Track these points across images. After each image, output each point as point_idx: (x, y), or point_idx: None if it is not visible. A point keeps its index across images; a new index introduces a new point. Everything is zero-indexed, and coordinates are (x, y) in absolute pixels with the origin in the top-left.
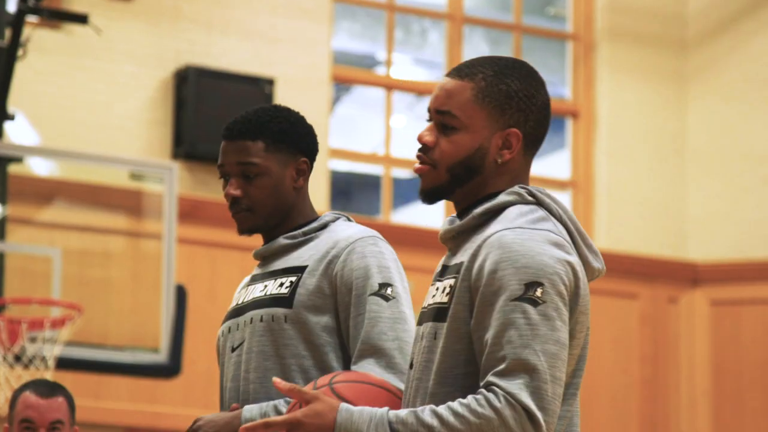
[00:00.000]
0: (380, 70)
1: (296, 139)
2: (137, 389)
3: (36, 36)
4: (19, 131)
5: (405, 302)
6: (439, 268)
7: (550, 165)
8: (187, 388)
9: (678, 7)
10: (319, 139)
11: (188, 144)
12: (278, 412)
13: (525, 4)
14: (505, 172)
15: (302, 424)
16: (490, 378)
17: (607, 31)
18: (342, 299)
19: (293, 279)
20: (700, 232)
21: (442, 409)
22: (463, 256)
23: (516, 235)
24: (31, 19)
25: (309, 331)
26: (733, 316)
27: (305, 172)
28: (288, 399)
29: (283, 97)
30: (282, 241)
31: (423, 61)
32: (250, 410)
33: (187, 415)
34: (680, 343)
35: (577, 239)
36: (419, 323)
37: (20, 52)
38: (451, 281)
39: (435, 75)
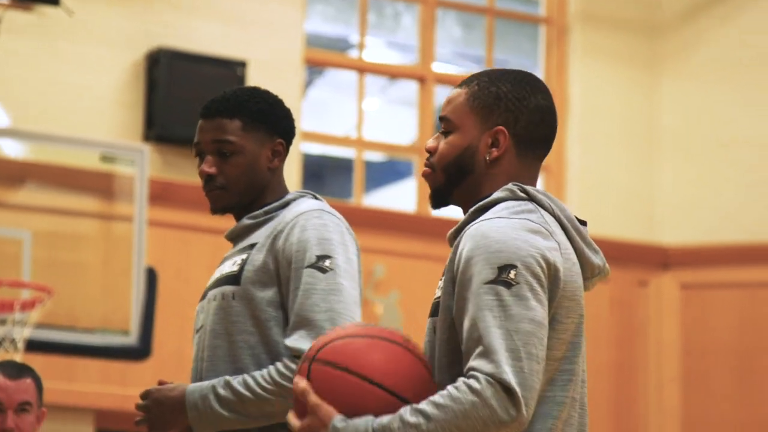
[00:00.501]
0: (353, 54)
1: (274, 120)
2: (107, 372)
3: (7, 17)
4: None
5: (345, 274)
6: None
7: None
8: (158, 370)
9: None
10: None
11: (160, 126)
12: (215, 393)
13: None
14: (499, 173)
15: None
16: (471, 363)
17: (580, 14)
18: (284, 273)
19: (244, 257)
20: (670, 216)
21: (423, 404)
22: (450, 254)
23: (492, 223)
24: (3, 0)
25: (255, 307)
26: (702, 300)
27: (281, 153)
28: (227, 377)
29: (255, 79)
30: (245, 221)
31: (396, 45)
32: (192, 392)
33: None
34: (650, 326)
35: (573, 235)
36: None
37: None
38: (444, 276)
39: (408, 58)
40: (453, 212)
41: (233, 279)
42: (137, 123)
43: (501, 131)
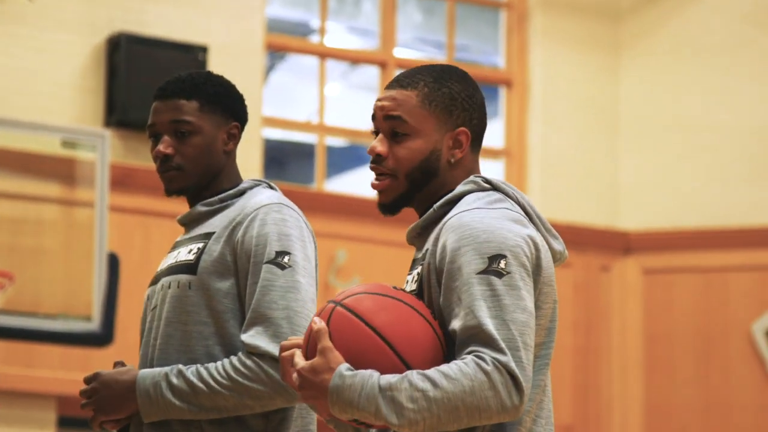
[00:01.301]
0: (314, 39)
1: (230, 102)
2: (69, 358)
3: None
4: None
5: (302, 271)
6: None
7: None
8: (120, 356)
9: None
10: (253, 107)
11: (120, 112)
12: (168, 381)
13: None
14: (459, 171)
15: (302, 375)
16: (473, 347)
17: None
18: (242, 266)
19: (200, 245)
20: (632, 200)
21: (432, 372)
22: (427, 244)
23: (474, 214)
24: None
25: (211, 297)
26: (665, 285)
27: (236, 137)
28: (180, 366)
29: (216, 64)
30: (199, 208)
31: (357, 30)
32: (144, 378)
33: None
34: (613, 311)
35: (536, 222)
36: None
37: None
38: (419, 269)
39: (369, 43)
40: None
41: (189, 268)
42: (98, 108)
43: (464, 132)
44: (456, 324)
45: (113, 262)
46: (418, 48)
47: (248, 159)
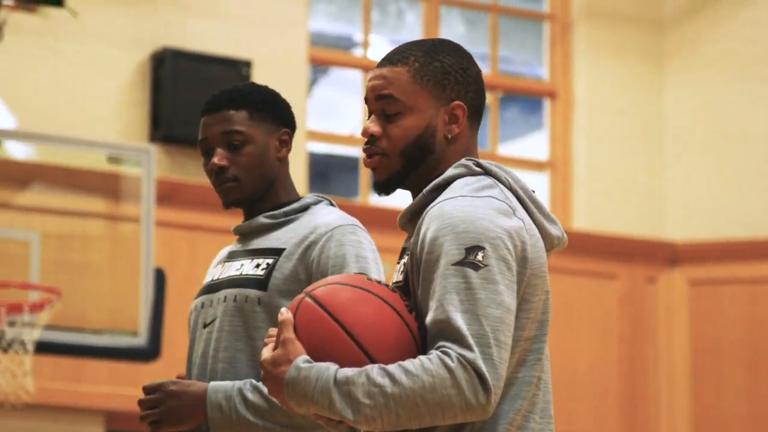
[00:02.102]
0: (357, 52)
1: (278, 110)
2: (117, 373)
3: (12, 19)
4: None
5: None
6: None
7: (527, 146)
8: (167, 371)
9: None
10: (297, 121)
11: (166, 127)
12: (242, 396)
13: None
14: (456, 147)
15: (263, 364)
16: (441, 342)
17: (584, 10)
18: None
19: (270, 261)
20: (678, 211)
21: (392, 367)
22: (412, 238)
23: (456, 203)
24: (7, 2)
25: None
26: (711, 296)
27: (288, 143)
28: (253, 381)
29: (260, 79)
30: (262, 219)
31: (400, 42)
32: (215, 391)
33: None
34: (659, 323)
35: (530, 207)
36: None
37: None
38: (405, 259)
39: None
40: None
41: (259, 283)
42: (143, 123)
43: (459, 106)
44: (428, 317)
45: (159, 277)
46: None
47: (293, 173)
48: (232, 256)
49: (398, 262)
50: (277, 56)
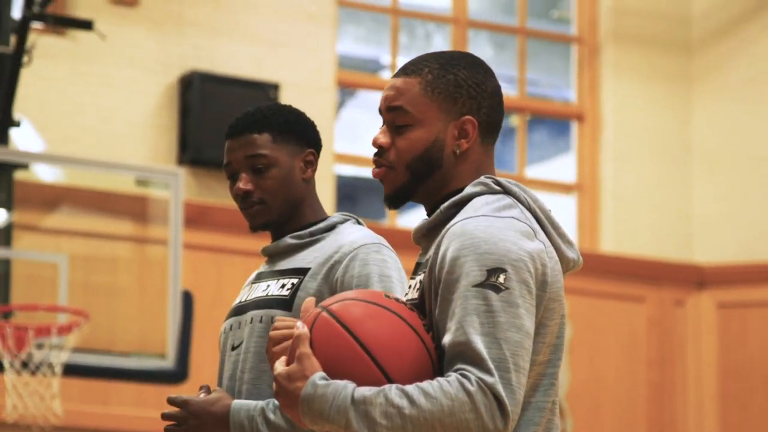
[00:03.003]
0: (385, 75)
1: (302, 130)
2: (144, 395)
3: (41, 42)
4: (25, 138)
5: None
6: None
7: (555, 168)
8: (194, 393)
9: (683, 8)
10: (325, 143)
11: (194, 149)
12: (264, 416)
13: (529, 8)
14: (466, 163)
15: (277, 380)
16: (460, 364)
17: (612, 33)
18: None
19: (295, 281)
20: (706, 234)
21: (411, 388)
22: (431, 249)
23: (478, 222)
24: (36, 25)
25: None
26: (740, 319)
27: (313, 163)
28: (276, 401)
29: (287, 101)
30: (288, 240)
31: None
32: (237, 411)
33: None
34: (687, 346)
35: (548, 228)
36: None
37: (25, 59)
38: (421, 276)
39: None
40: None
41: (284, 303)
42: (171, 146)
43: (469, 121)
44: (446, 338)
45: (187, 300)
46: None
47: (321, 195)
48: (259, 278)
49: (412, 278)
50: (305, 79)
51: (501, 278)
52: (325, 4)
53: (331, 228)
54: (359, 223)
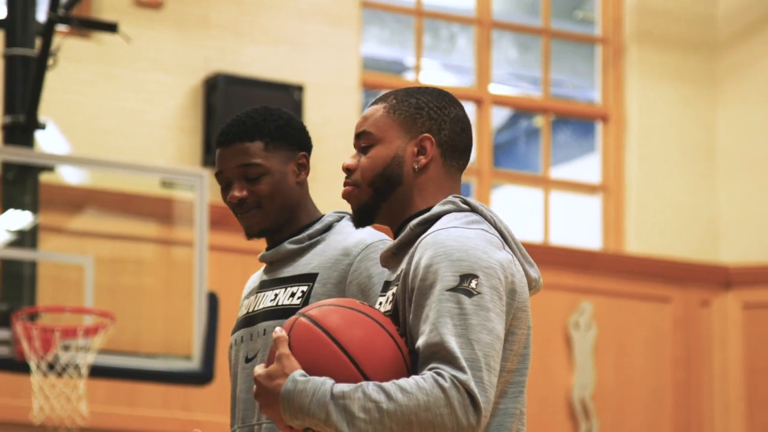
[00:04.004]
0: (409, 76)
1: (293, 134)
2: (170, 396)
3: (66, 45)
4: (50, 140)
5: None
6: (382, 285)
7: (579, 169)
8: (220, 395)
9: (708, 9)
10: (350, 145)
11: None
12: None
13: (553, 8)
14: (427, 181)
15: (257, 381)
16: (434, 363)
17: (636, 34)
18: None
19: (304, 288)
20: (731, 234)
21: (388, 385)
22: (402, 265)
23: (450, 233)
24: (61, 28)
25: None
26: (765, 319)
27: (305, 166)
28: None
29: (312, 103)
30: (288, 246)
31: (452, 66)
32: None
33: (220, 422)
34: (713, 346)
35: (513, 247)
36: None
37: (50, 62)
38: (394, 289)
39: (464, 80)
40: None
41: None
42: (196, 148)
43: (427, 138)
44: (420, 340)
45: (213, 301)
46: (513, 84)
47: None
48: (263, 286)
49: (382, 294)
50: (329, 81)
51: (473, 283)
52: (349, 5)
53: (328, 228)
54: None
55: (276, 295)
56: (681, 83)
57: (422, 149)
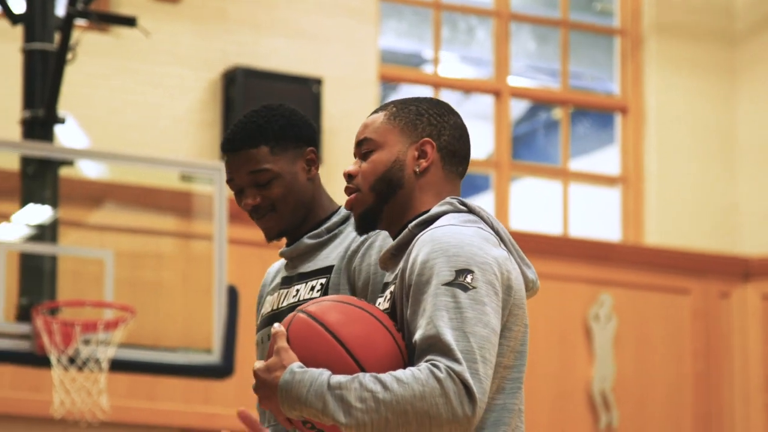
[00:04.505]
0: (428, 69)
1: (297, 132)
2: (191, 390)
3: (85, 39)
4: (70, 134)
5: None
6: (380, 287)
7: (599, 161)
8: (240, 388)
9: (726, 0)
10: None
11: None
12: None
13: (572, 0)
14: (427, 184)
15: (256, 375)
16: (430, 355)
17: (655, 25)
18: (361, 292)
19: (323, 281)
20: (751, 226)
21: (384, 375)
22: (400, 264)
23: (446, 230)
24: (80, 22)
25: None
26: None
27: (314, 161)
28: None
29: (330, 96)
30: (307, 241)
31: (470, 59)
32: None
33: None
34: (733, 338)
35: (510, 247)
36: None
37: (69, 56)
38: (392, 288)
39: (482, 72)
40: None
41: None
42: (215, 142)
43: (428, 142)
44: (417, 334)
45: (232, 295)
46: (531, 76)
47: None
48: (286, 282)
49: (381, 295)
50: (348, 74)
51: (468, 278)
52: None
53: (346, 219)
54: None
55: (297, 290)
56: (700, 74)
57: (423, 153)
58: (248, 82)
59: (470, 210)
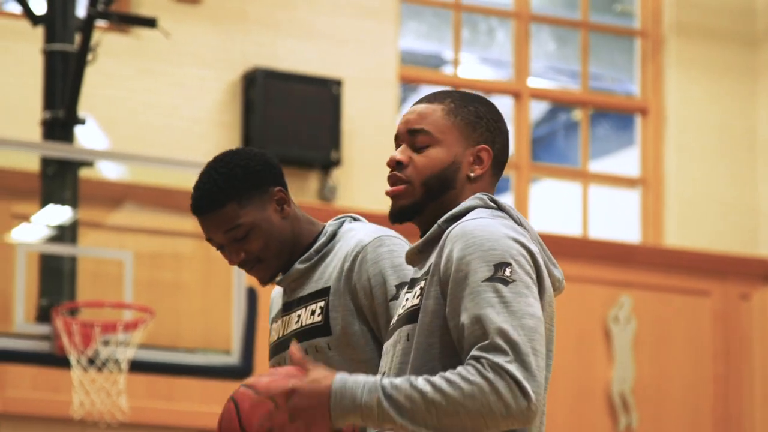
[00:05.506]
0: (447, 70)
1: (258, 178)
2: (209, 391)
3: (105, 40)
4: (90, 135)
5: None
6: (408, 281)
7: (618, 162)
8: None
9: (747, 1)
10: (388, 139)
11: (257, 146)
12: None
13: (592, 1)
14: (476, 190)
15: (299, 390)
16: (475, 353)
17: (675, 26)
18: (367, 308)
19: (322, 304)
20: None
21: (435, 377)
22: (430, 260)
23: (477, 223)
24: (101, 23)
25: (353, 350)
26: None
27: (285, 199)
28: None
29: (350, 97)
30: (299, 266)
31: (490, 60)
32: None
33: None
34: (753, 339)
35: (538, 246)
36: (390, 334)
37: (90, 57)
38: (422, 283)
39: (502, 74)
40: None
41: (321, 330)
42: (235, 143)
43: (485, 149)
44: (463, 332)
45: (251, 296)
46: (551, 77)
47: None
48: (287, 309)
49: (410, 291)
50: (368, 75)
51: (507, 272)
52: None
53: (333, 237)
54: (355, 219)
55: (299, 316)
56: (720, 76)
57: (479, 159)
58: (268, 84)
59: (499, 207)
